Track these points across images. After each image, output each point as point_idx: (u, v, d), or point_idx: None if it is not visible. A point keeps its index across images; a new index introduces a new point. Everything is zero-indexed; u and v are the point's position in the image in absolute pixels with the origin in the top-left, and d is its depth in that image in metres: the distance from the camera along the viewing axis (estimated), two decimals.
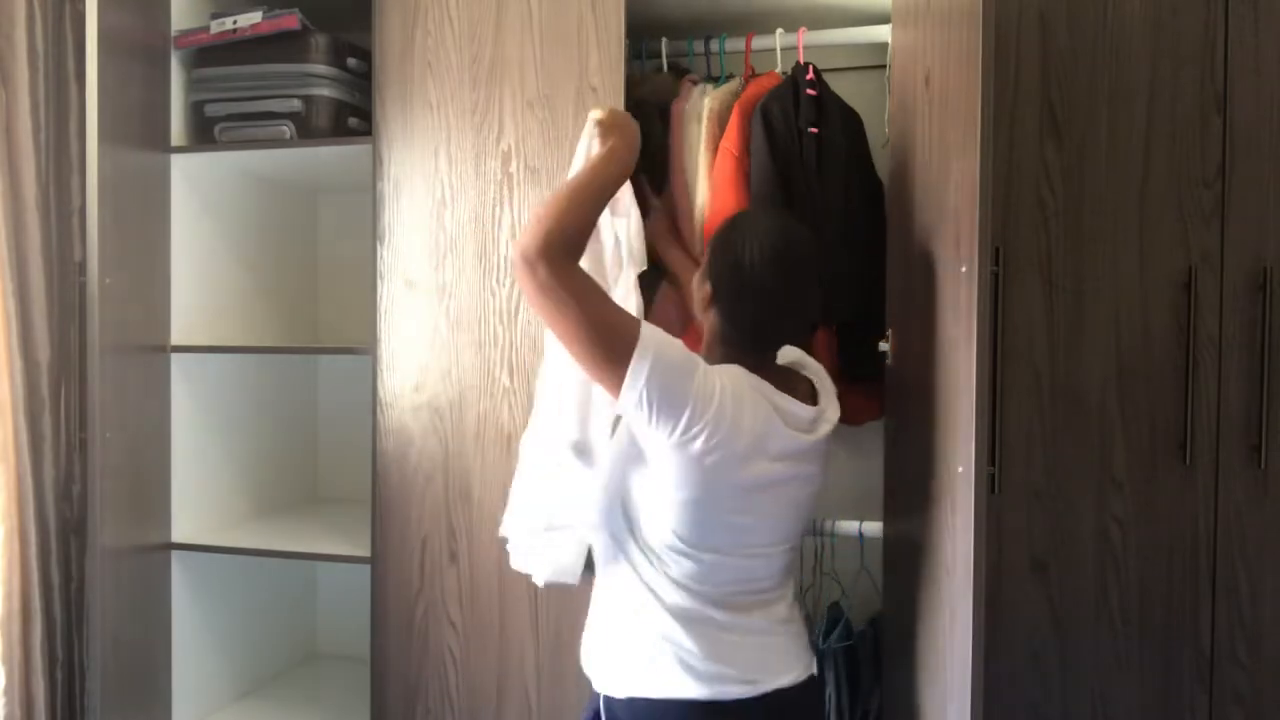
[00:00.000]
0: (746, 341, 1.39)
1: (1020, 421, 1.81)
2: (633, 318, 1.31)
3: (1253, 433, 1.75)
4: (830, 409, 1.43)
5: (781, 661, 1.39)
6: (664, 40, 2.00)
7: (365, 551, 1.95)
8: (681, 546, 1.33)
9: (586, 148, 1.50)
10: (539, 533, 1.52)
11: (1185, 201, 1.77)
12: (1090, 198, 1.80)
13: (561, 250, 1.26)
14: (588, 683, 1.46)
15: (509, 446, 1.86)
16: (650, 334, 1.27)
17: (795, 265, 1.37)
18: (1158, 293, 1.78)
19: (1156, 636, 1.79)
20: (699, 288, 1.43)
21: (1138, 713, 1.80)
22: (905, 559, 1.62)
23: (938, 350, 1.41)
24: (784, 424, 1.33)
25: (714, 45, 2.00)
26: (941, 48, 1.41)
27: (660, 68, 2.03)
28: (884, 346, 1.73)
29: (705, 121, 1.88)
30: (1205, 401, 1.77)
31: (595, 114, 1.47)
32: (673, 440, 1.27)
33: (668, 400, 1.25)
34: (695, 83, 1.99)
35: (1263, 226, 1.75)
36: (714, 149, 1.87)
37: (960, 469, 1.27)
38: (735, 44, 2.00)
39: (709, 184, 1.86)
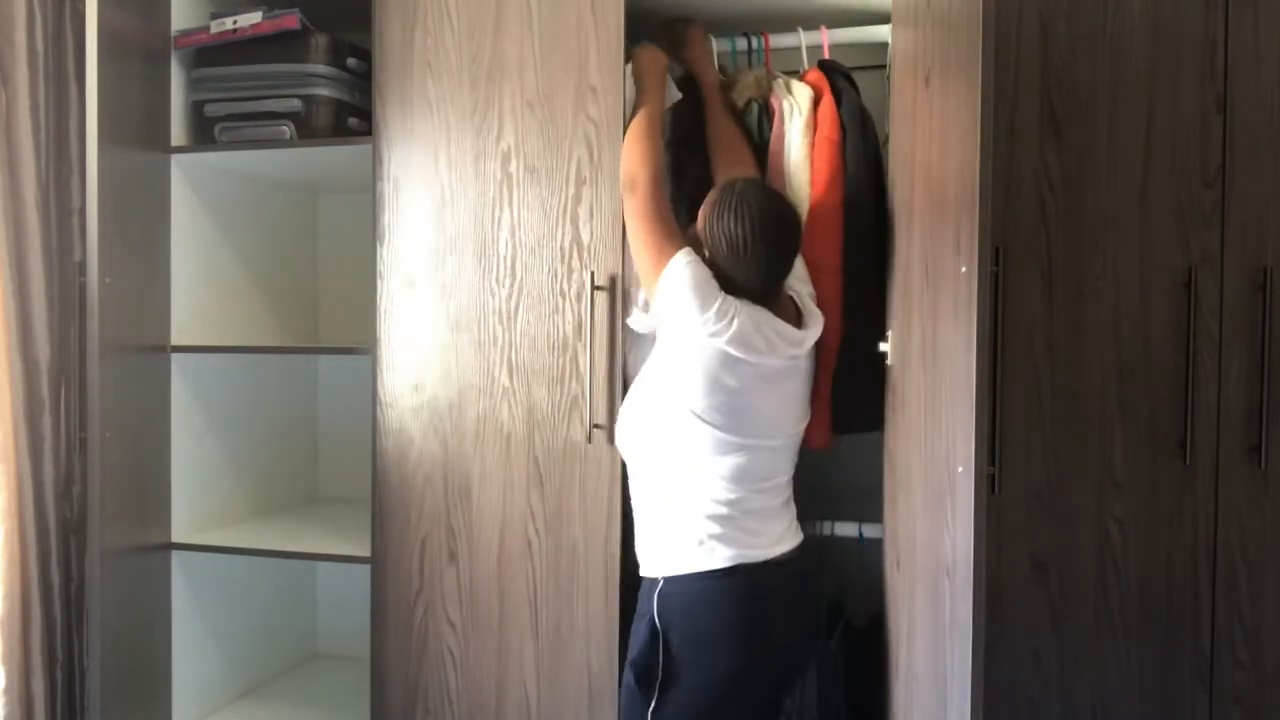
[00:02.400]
0: (744, 293, 1.62)
1: (1020, 421, 1.81)
2: (676, 244, 1.63)
3: (1253, 433, 1.75)
4: (813, 329, 1.68)
5: None
6: (713, 39, 1.99)
7: (365, 551, 1.95)
8: None
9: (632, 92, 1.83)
10: None
11: (1185, 201, 1.77)
12: (1090, 197, 1.80)
13: (628, 184, 1.70)
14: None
15: (508, 446, 1.86)
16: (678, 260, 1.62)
17: (782, 229, 1.62)
18: (1158, 293, 1.78)
19: (1156, 636, 1.79)
20: (700, 240, 1.65)
21: (1138, 712, 1.79)
22: (905, 559, 1.62)
23: (938, 350, 1.41)
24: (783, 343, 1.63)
25: (755, 43, 2.00)
26: (941, 48, 1.41)
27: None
28: (884, 347, 1.73)
29: (806, 113, 1.89)
30: (1205, 401, 1.76)
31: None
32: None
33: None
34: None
35: (1263, 226, 1.75)
36: (811, 136, 1.89)
37: (960, 469, 1.27)
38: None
39: (811, 169, 1.87)
